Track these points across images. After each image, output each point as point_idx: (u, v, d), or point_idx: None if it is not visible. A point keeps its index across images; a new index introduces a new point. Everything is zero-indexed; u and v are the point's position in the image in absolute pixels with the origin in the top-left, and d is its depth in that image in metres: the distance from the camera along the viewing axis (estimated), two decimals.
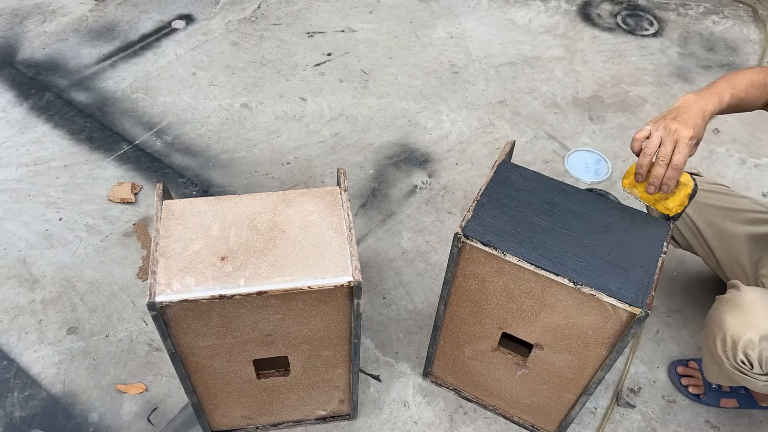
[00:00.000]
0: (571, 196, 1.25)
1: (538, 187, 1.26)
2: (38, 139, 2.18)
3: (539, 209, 1.22)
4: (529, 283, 1.18)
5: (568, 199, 1.24)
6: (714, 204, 1.53)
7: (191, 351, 1.20)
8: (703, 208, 1.53)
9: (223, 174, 2.10)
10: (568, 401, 1.40)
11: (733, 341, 1.25)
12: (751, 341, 1.23)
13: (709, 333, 1.34)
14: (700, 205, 1.53)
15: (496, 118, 2.33)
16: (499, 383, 1.48)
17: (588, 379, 1.31)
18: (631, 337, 1.14)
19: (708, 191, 1.54)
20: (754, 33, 2.77)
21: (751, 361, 1.23)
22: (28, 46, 2.52)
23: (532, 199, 1.23)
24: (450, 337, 1.44)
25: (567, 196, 1.25)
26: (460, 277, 1.26)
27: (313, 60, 2.52)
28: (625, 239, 1.19)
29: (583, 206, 1.23)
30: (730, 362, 1.27)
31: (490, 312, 1.30)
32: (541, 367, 1.36)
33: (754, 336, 1.22)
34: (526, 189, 1.25)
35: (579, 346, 1.24)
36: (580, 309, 1.16)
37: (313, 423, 1.54)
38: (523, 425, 1.55)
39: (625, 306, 1.10)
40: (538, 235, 1.18)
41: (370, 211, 2.02)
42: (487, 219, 1.19)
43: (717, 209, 1.53)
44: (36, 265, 1.83)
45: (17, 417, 1.53)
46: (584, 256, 1.15)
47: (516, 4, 2.86)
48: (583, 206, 1.23)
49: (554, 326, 1.23)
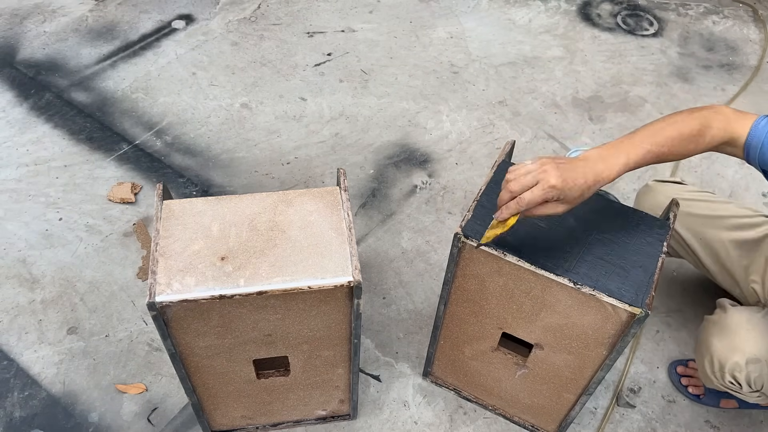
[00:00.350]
0: None
1: None
2: (38, 139, 2.18)
3: None
4: (529, 283, 1.18)
5: None
6: (696, 213, 1.49)
7: (191, 351, 1.20)
8: (686, 217, 1.49)
9: (223, 174, 2.10)
10: (568, 401, 1.40)
11: (720, 364, 1.25)
12: (737, 365, 1.23)
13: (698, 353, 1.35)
14: (683, 215, 1.48)
15: (496, 118, 2.33)
16: (499, 383, 1.48)
17: (588, 379, 1.31)
18: (631, 337, 1.14)
19: (690, 200, 1.49)
20: (754, 33, 2.77)
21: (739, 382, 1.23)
22: (28, 46, 2.52)
23: None
24: (450, 337, 1.44)
25: None
26: (460, 277, 1.26)
27: (313, 60, 2.52)
28: (624, 239, 1.19)
29: (583, 206, 1.23)
30: (719, 381, 1.28)
31: (490, 312, 1.30)
32: (541, 367, 1.36)
33: (740, 359, 1.22)
34: None
35: (579, 346, 1.24)
36: (580, 309, 1.16)
37: (313, 423, 1.54)
38: (523, 425, 1.55)
39: (625, 306, 1.10)
40: (537, 235, 1.18)
41: (370, 211, 2.02)
42: (488, 219, 1.19)
43: (700, 218, 1.49)
44: (36, 265, 1.83)
45: (17, 417, 1.54)
46: (584, 256, 1.15)
47: (516, 4, 2.86)
48: (583, 206, 1.23)
49: (554, 326, 1.23)
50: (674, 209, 1.24)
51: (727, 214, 1.48)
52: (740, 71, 2.58)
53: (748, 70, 2.59)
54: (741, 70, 2.58)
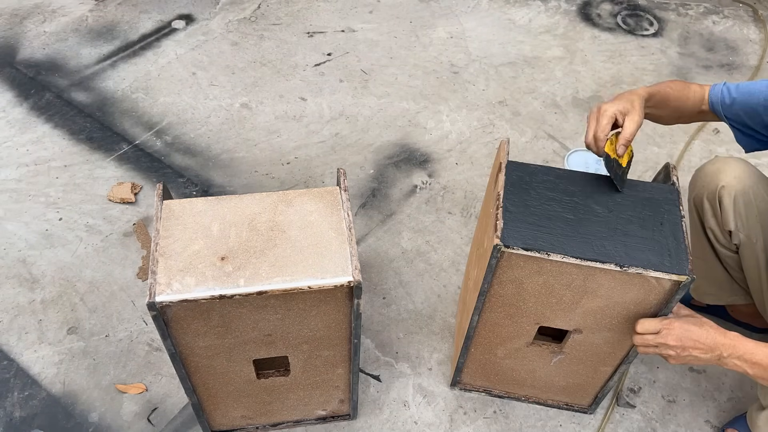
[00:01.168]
0: (580, 181, 1.26)
1: (551, 181, 1.26)
2: (38, 139, 2.18)
3: (563, 203, 1.22)
4: (570, 276, 1.18)
5: (580, 185, 1.25)
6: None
7: (191, 351, 1.20)
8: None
9: (223, 174, 2.10)
10: (605, 374, 1.42)
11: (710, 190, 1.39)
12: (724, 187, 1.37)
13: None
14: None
15: (496, 118, 2.33)
16: (533, 374, 1.48)
17: (627, 350, 1.33)
18: (674, 303, 1.17)
19: None
20: (754, 33, 2.77)
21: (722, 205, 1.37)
22: (28, 46, 2.52)
23: (551, 194, 1.24)
24: (482, 344, 1.43)
25: (578, 183, 1.26)
26: (495, 284, 1.25)
27: (313, 60, 2.52)
28: (645, 212, 1.21)
29: (595, 189, 1.25)
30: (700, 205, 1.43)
31: (527, 311, 1.29)
32: (578, 350, 1.36)
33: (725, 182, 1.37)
34: (540, 185, 1.25)
35: (619, 322, 1.26)
36: (623, 288, 1.18)
37: (313, 423, 1.54)
38: (558, 406, 1.56)
39: (672, 276, 1.12)
40: (571, 228, 1.18)
41: (370, 211, 2.02)
42: (519, 224, 1.18)
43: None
44: (36, 265, 1.83)
45: (17, 417, 1.54)
46: (619, 238, 1.16)
47: (516, 4, 2.86)
48: (595, 189, 1.25)
49: (594, 309, 1.24)
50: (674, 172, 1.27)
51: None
52: (740, 71, 2.58)
53: (748, 70, 2.59)
54: (741, 70, 2.58)
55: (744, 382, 1.65)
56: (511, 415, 1.58)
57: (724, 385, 1.64)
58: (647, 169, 2.16)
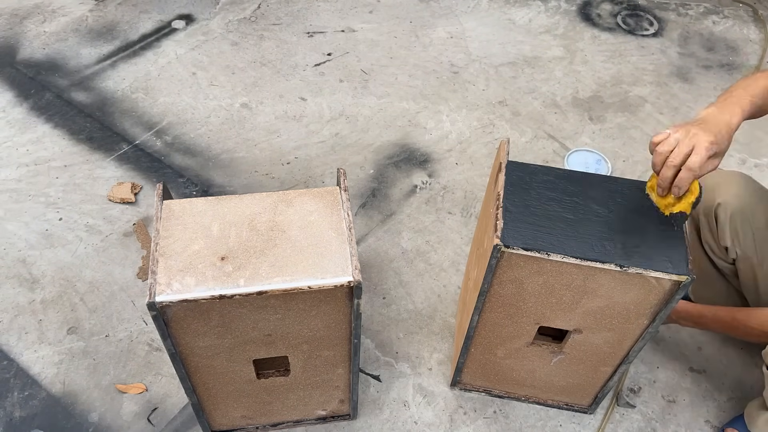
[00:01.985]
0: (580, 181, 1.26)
1: (551, 181, 1.26)
2: (38, 139, 2.18)
3: (563, 203, 1.22)
4: (570, 276, 1.18)
5: (580, 185, 1.25)
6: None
7: (191, 351, 1.20)
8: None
9: (223, 174, 2.10)
10: (605, 374, 1.42)
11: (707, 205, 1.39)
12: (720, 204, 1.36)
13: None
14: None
15: (496, 118, 2.33)
16: (533, 374, 1.48)
17: (627, 350, 1.32)
18: (674, 303, 1.17)
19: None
20: (754, 33, 2.77)
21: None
22: (28, 46, 2.52)
23: (552, 194, 1.24)
24: (482, 344, 1.43)
25: (578, 183, 1.26)
26: (495, 284, 1.25)
27: (313, 60, 2.52)
28: (644, 211, 1.20)
29: (595, 189, 1.25)
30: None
31: (527, 311, 1.29)
32: (578, 350, 1.36)
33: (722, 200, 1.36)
34: (541, 185, 1.25)
35: (619, 321, 1.25)
36: (623, 288, 1.17)
37: (313, 423, 1.54)
38: (558, 406, 1.55)
39: (672, 276, 1.12)
40: (571, 228, 1.18)
41: (370, 211, 2.02)
42: (520, 224, 1.18)
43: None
44: (36, 265, 1.83)
45: (17, 417, 1.54)
46: (618, 237, 1.16)
47: (516, 4, 2.86)
48: (595, 189, 1.25)
49: (594, 309, 1.24)
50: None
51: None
52: (740, 71, 2.58)
53: (748, 70, 2.59)
54: (741, 70, 2.58)
55: (744, 382, 1.65)
56: (511, 415, 1.58)
57: (724, 385, 1.64)
58: (647, 169, 2.16)
